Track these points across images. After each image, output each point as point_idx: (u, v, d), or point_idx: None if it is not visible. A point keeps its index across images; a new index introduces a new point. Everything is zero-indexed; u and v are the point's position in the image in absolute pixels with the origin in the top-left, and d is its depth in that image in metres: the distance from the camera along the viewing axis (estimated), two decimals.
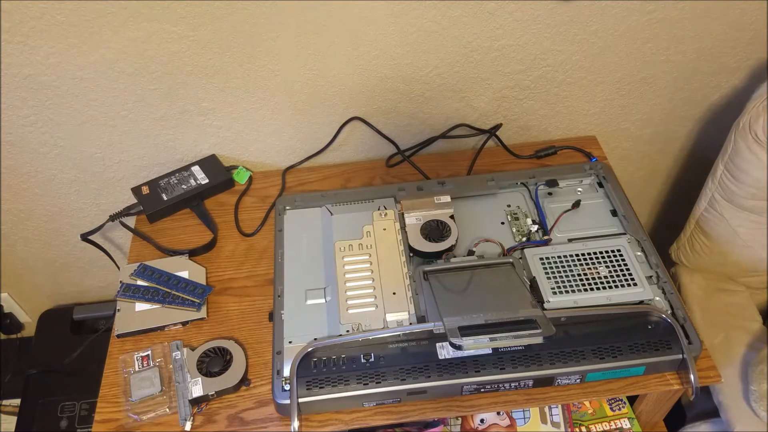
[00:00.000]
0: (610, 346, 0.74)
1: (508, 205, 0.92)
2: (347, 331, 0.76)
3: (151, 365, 0.80)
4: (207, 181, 1.00)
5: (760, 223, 0.99)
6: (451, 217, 0.88)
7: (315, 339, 0.76)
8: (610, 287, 0.79)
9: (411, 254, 0.85)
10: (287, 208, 0.93)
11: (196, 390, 0.76)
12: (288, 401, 0.71)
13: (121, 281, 0.88)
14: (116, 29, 0.84)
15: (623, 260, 0.81)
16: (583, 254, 0.82)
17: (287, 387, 0.73)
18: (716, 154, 1.01)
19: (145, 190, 0.99)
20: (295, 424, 0.70)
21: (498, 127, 1.06)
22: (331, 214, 0.91)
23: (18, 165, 0.99)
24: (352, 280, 0.82)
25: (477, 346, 0.70)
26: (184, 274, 0.89)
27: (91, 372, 0.85)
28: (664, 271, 0.81)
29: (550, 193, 0.94)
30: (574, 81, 1.02)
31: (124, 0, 0.81)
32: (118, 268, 0.97)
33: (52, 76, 0.88)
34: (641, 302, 0.78)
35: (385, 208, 0.90)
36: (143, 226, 0.98)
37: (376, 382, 0.73)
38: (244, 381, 0.78)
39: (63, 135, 0.96)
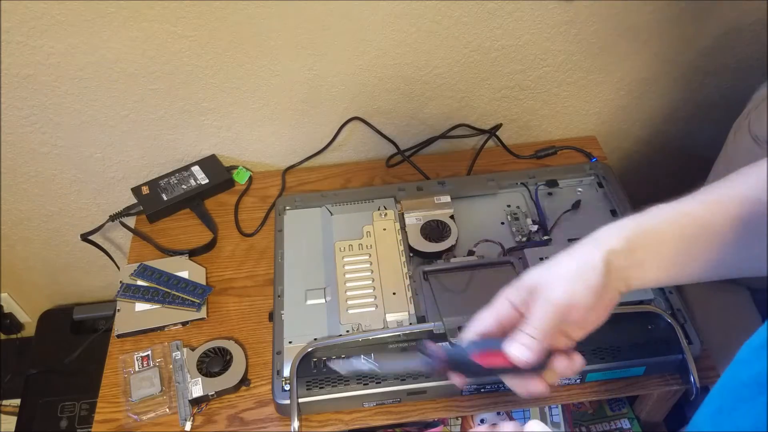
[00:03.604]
0: (610, 346, 0.74)
1: (508, 205, 0.92)
2: (347, 331, 0.77)
3: (151, 365, 0.80)
4: (207, 181, 1.00)
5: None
6: (451, 217, 0.88)
7: (315, 339, 0.76)
8: None
9: (411, 254, 0.85)
10: (287, 208, 0.93)
11: (196, 390, 0.76)
12: (288, 401, 0.71)
13: (121, 281, 0.88)
14: (116, 29, 0.84)
15: None
16: None
17: (287, 387, 0.73)
18: (716, 154, 1.01)
19: (145, 190, 0.99)
20: (295, 424, 0.70)
21: (498, 127, 1.06)
22: (331, 214, 0.91)
23: (18, 165, 0.99)
24: (352, 280, 0.82)
25: None
26: (184, 274, 0.89)
27: (91, 372, 0.85)
28: None
29: (550, 193, 0.94)
30: (574, 81, 1.02)
31: (124, 0, 0.81)
32: (118, 268, 0.98)
33: (52, 76, 0.88)
34: (641, 302, 0.78)
35: (385, 208, 0.90)
36: (143, 226, 0.98)
37: (376, 382, 0.73)
38: (244, 381, 0.78)
39: (63, 135, 0.96)
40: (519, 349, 0.47)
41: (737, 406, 0.36)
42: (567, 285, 0.48)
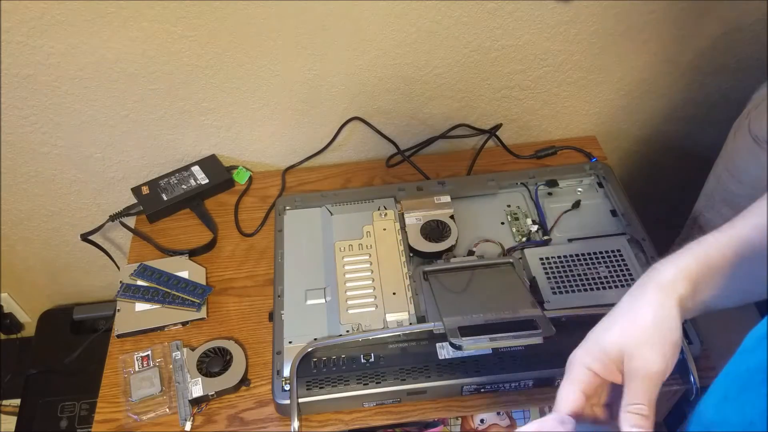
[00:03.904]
0: None
1: (508, 205, 0.92)
2: (347, 331, 0.76)
3: (151, 365, 0.80)
4: (207, 181, 1.00)
5: None
6: (451, 217, 0.88)
7: (315, 339, 0.76)
8: (610, 287, 0.79)
9: (411, 254, 0.85)
10: (287, 208, 0.93)
11: (196, 390, 0.76)
12: (288, 401, 0.71)
13: (121, 281, 0.88)
14: (116, 29, 0.84)
15: (623, 260, 0.81)
16: (583, 254, 0.82)
17: (287, 387, 0.73)
18: (716, 154, 1.01)
19: (145, 190, 0.99)
20: (295, 424, 0.70)
21: (498, 127, 1.06)
22: (331, 214, 0.91)
23: (18, 165, 0.99)
24: (352, 280, 0.81)
25: (477, 346, 0.70)
26: (184, 274, 0.89)
27: (91, 372, 0.85)
28: None
29: (550, 193, 0.94)
30: (574, 81, 1.02)
31: (124, 0, 0.81)
32: (118, 268, 0.97)
33: (52, 76, 0.88)
34: None
35: (385, 208, 0.90)
36: (143, 226, 0.98)
37: (376, 382, 0.73)
38: (244, 381, 0.78)
39: (63, 135, 0.96)
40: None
41: (742, 393, 0.36)
42: (658, 353, 0.45)
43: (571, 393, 0.47)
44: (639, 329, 0.46)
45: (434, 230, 0.87)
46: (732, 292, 0.48)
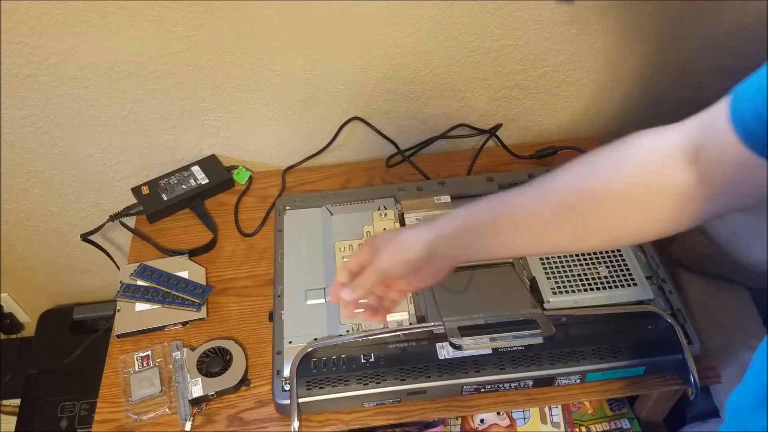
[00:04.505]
0: (610, 346, 0.74)
1: None
2: (347, 331, 0.76)
3: (151, 365, 0.80)
4: (207, 181, 1.00)
5: (760, 223, 0.99)
6: None
7: (315, 339, 0.76)
8: (610, 287, 0.79)
9: None
10: (287, 208, 0.93)
11: (196, 390, 0.76)
12: (288, 401, 0.71)
13: (121, 281, 0.88)
14: (116, 29, 0.84)
15: (623, 260, 0.81)
16: (582, 254, 0.82)
17: (287, 387, 0.73)
18: None
19: (145, 190, 0.99)
20: (295, 424, 0.70)
21: (498, 127, 1.06)
22: (331, 214, 0.91)
23: (18, 165, 0.99)
24: None
25: (477, 346, 0.70)
26: (184, 274, 0.89)
27: (91, 372, 0.85)
28: (664, 271, 0.81)
29: None
30: (574, 81, 1.02)
31: (124, 0, 0.81)
32: (118, 268, 0.98)
33: (52, 76, 0.88)
34: (641, 302, 0.78)
35: (385, 208, 0.90)
36: (143, 226, 0.98)
37: (376, 383, 0.73)
38: (244, 381, 0.78)
39: (63, 135, 0.96)
40: (347, 294, 0.61)
41: None
42: (391, 256, 0.60)
43: (347, 264, 0.64)
44: (394, 238, 0.61)
45: None
46: (510, 246, 0.59)
